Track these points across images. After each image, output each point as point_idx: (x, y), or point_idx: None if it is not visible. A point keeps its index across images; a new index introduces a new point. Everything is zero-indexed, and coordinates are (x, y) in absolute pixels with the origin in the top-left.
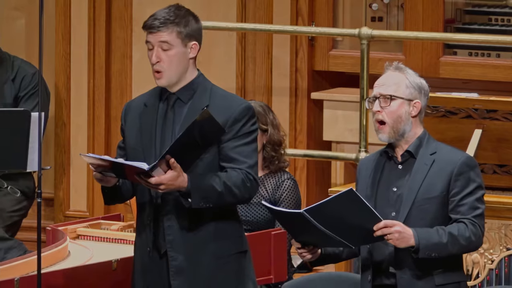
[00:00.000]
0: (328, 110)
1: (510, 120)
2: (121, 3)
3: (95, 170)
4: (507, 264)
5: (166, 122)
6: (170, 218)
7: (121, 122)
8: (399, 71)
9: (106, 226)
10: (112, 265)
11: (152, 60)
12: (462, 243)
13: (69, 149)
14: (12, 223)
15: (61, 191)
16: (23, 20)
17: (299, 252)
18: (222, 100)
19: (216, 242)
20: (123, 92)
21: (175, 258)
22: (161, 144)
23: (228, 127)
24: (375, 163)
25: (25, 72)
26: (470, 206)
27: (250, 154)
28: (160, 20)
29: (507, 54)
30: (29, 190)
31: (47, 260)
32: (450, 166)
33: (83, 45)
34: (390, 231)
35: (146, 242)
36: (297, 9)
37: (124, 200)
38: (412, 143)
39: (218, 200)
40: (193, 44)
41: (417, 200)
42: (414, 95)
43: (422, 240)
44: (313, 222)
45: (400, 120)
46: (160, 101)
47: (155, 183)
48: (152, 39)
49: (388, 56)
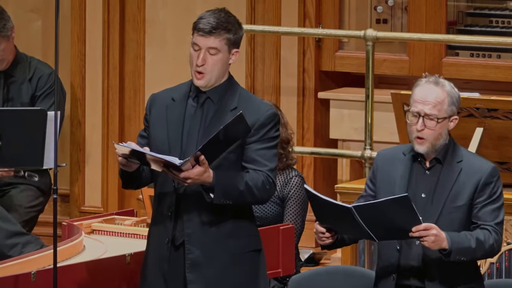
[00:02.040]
0: (335, 109)
1: (510, 119)
2: (135, 6)
3: (121, 156)
4: (508, 258)
5: (194, 119)
6: (190, 212)
7: (145, 112)
8: (440, 86)
9: (120, 221)
10: (125, 259)
11: (197, 62)
12: (486, 249)
13: (84, 147)
14: (29, 219)
15: (77, 187)
16: (39, 22)
17: (321, 236)
18: (249, 104)
19: (232, 239)
20: (136, 92)
21: (192, 251)
22: (188, 139)
23: (254, 130)
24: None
25: (41, 72)
26: (492, 213)
27: (271, 158)
28: (212, 25)
29: (507, 55)
30: (46, 186)
31: (62, 254)
32: (477, 175)
33: (97, 46)
34: (427, 233)
35: (165, 233)
36: (305, 12)
37: (141, 186)
38: (441, 151)
39: (239, 198)
40: (235, 51)
41: (445, 208)
42: (453, 111)
43: (455, 243)
44: (356, 218)
45: (440, 137)
46: (189, 97)
47: (184, 177)
48: (201, 42)
49: (392, 57)
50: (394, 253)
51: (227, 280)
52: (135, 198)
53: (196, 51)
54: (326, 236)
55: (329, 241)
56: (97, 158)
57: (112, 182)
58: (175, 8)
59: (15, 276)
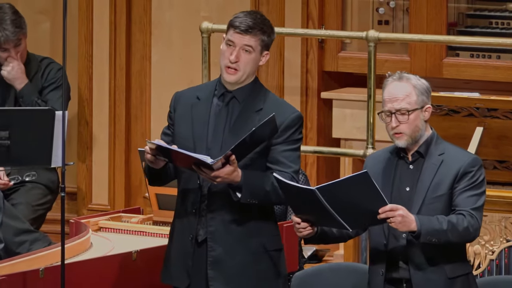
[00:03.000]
0: (337, 109)
1: (510, 118)
2: (141, 8)
3: (151, 153)
4: (507, 255)
5: (220, 118)
6: (214, 210)
7: (170, 109)
8: (404, 80)
9: (127, 219)
10: (132, 256)
11: (231, 58)
12: (460, 231)
13: (91, 145)
14: (37, 216)
15: (84, 185)
16: (48, 23)
17: (297, 227)
18: (275, 105)
19: (254, 238)
20: (143, 91)
21: (214, 248)
22: (213, 138)
23: (280, 131)
24: (385, 161)
25: (51, 67)
26: (470, 200)
27: (296, 160)
28: (249, 24)
29: (507, 55)
30: (53, 184)
31: (70, 251)
32: (457, 165)
33: (104, 47)
34: (393, 214)
35: (188, 229)
36: (308, 13)
37: (165, 182)
38: (422, 144)
39: (264, 198)
40: (266, 53)
41: (426, 198)
42: (425, 101)
43: (424, 225)
44: (321, 200)
45: (418, 128)
46: (214, 96)
47: (214, 175)
48: (237, 39)
49: (394, 58)
50: (381, 247)
51: (248, 278)
52: (141, 196)
53: (229, 47)
54: (303, 226)
55: (307, 232)
56: (104, 156)
57: (119, 181)
58: (181, 10)
59: (23, 273)
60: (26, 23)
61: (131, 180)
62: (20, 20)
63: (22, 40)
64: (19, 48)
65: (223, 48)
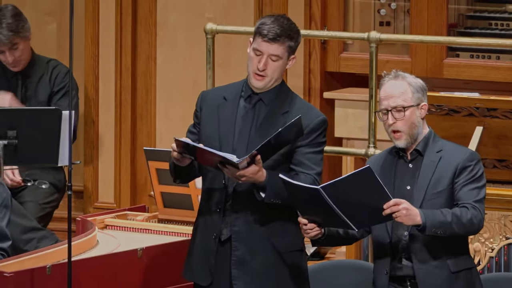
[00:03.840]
0: (339, 109)
1: (509, 118)
2: (146, 9)
3: (177, 151)
4: (506, 252)
5: (246, 119)
6: (238, 210)
7: (195, 109)
8: (400, 78)
9: (132, 217)
10: (137, 253)
11: (259, 67)
12: (464, 223)
13: (98, 145)
14: (45, 214)
15: (90, 184)
16: (54, 24)
17: (304, 229)
18: (301, 108)
19: (278, 238)
20: (148, 91)
21: (239, 248)
22: (239, 138)
23: (305, 134)
24: (385, 162)
25: (58, 70)
26: (471, 193)
27: (319, 162)
28: (277, 32)
29: (506, 56)
30: (60, 183)
31: (77, 248)
32: (456, 161)
33: (110, 47)
34: (398, 208)
35: (212, 228)
36: (311, 14)
37: (189, 180)
38: (420, 142)
39: (287, 199)
40: (293, 57)
41: (427, 195)
42: (421, 99)
43: (428, 217)
44: (326, 199)
45: (414, 125)
46: (240, 97)
47: (239, 174)
48: (264, 48)
49: (395, 58)
50: (385, 246)
51: (271, 278)
52: (146, 195)
53: (257, 56)
54: (310, 227)
55: (314, 233)
56: (110, 155)
57: (125, 179)
58: (185, 11)
59: (30, 270)
60: (29, 26)
61: (137, 178)
62: (17, 23)
63: (18, 44)
64: (15, 52)
65: (250, 54)
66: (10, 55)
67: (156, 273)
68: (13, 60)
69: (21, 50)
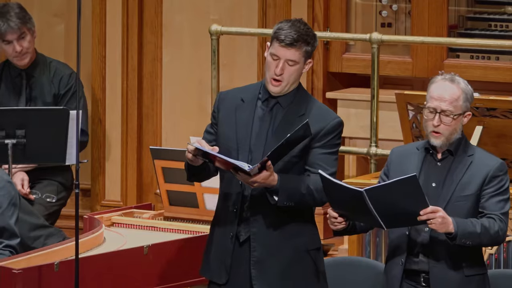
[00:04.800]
0: (342, 108)
1: (508, 118)
2: (152, 11)
3: (191, 153)
4: (506, 250)
5: (263, 121)
6: (256, 212)
7: (213, 109)
8: (455, 84)
9: (138, 214)
10: (143, 250)
11: (276, 72)
12: (492, 235)
13: (104, 144)
14: (52, 212)
15: (97, 182)
16: (62, 25)
17: (333, 221)
18: (317, 111)
19: (295, 238)
20: (154, 92)
21: (257, 249)
22: (256, 141)
23: (320, 136)
24: (411, 155)
25: (62, 73)
26: (498, 205)
27: (332, 163)
28: (294, 37)
29: (505, 57)
30: (68, 181)
31: (84, 245)
32: (486, 168)
33: (117, 48)
34: (434, 216)
35: (229, 228)
36: (313, 16)
37: (204, 179)
38: (452, 143)
39: (300, 201)
40: (309, 61)
41: (453, 197)
42: (468, 107)
43: (460, 227)
44: (366, 201)
45: (455, 132)
46: (258, 100)
47: (251, 181)
48: (281, 53)
49: (396, 59)
50: (403, 238)
51: (290, 277)
52: (152, 193)
53: (274, 61)
54: (338, 221)
55: (341, 226)
56: (116, 154)
57: (131, 177)
58: (191, 12)
59: (38, 267)
60: (34, 23)
61: (143, 177)
62: (25, 15)
63: (26, 34)
64: (22, 42)
65: (268, 59)
66: (18, 44)
67: (161, 270)
68: (21, 50)
69: (28, 41)
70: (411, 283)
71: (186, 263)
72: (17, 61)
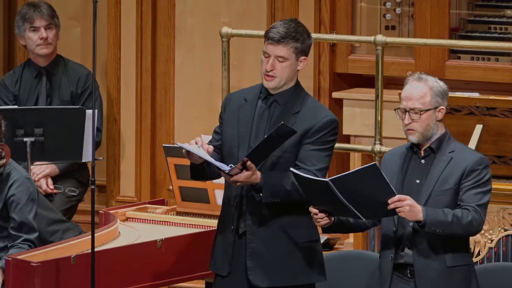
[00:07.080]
0: (347, 108)
1: (507, 117)
2: (165, 14)
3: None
4: (505, 243)
5: (262, 119)
6: (252, 205)
7: (221, 110)
8: (422, 81)
9: (152, 209)
10: (157, 244)
11: (266, 68)
12: (464, 225)
13: (119, 142)
14: (69, 207)
15: (112, 179)
16: (78, 28)
17: (315, 218)
18: (311, 109)
19: (291, 231)
20: (167, 92)
21: (253, 241)
22: (255, 137)
23: (311, 133)
24: (401, 155)
25: (79, 73)
26: (475, 197)
27: (322, 158)
28: (281, 34)
29: (505, 58)
30: (84, 178)
31: (99, 239)
32: (465, 163)
33: (131, 50)
34: (401, 204)
35: (231, 221)
36: (320, 19)
37: (209, 179)
38: (434, 141)
39: (286, 197)
40: (303, 58)
41: (433, 191)
42: (439, 102)
43: (429, 216)
44: (334, 191)
45: (429, 127)
46: (258, 98)
47: (233, 180)
48: (271, 50)
49: (400, 60)
50: (391, 235)
51: (285, 268)
52: (165, 189)
53: (266, 58)
54: (320, 217)
55: (324, 222)
56: (131, 152)
57: (145, 174)
58: (202, 15)
59: (56, 260)
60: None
61: (156, 173)
62: (54, 13)
63: (53, 27)
64: (49, 32)
65: (261, 57)
66: (45, 32)
67: (174, 263)
68: (47, 38)
69: (54, 35)
70: (399, 275)
71: (198, 256)
72: (40, 50)
